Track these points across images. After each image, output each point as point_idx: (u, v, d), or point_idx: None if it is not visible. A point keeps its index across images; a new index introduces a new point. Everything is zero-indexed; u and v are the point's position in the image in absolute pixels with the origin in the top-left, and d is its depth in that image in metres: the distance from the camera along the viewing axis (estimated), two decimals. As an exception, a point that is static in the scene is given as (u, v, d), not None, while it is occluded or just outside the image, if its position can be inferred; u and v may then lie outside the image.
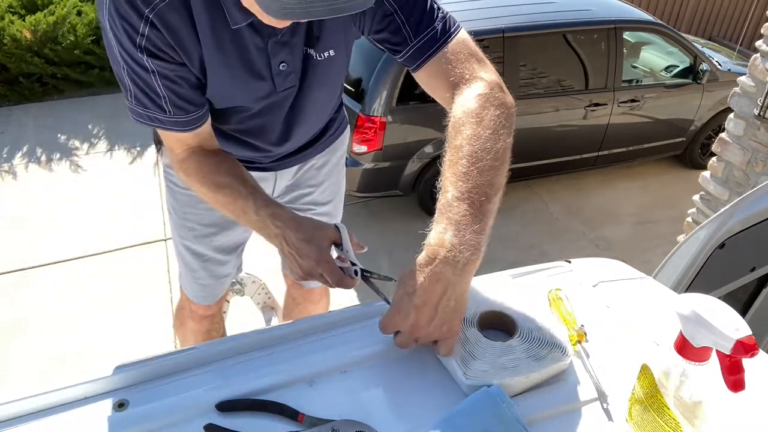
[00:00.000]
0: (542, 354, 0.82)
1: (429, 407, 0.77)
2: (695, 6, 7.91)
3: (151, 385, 0.79)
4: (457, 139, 0.87)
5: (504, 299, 0.91)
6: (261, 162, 1.33)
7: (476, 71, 0.98)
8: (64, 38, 5.09)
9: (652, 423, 0.71)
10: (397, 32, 1.00)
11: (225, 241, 1.45)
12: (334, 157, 1.48)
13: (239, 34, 0.96)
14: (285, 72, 1.05)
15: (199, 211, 1.38)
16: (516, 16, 3.75)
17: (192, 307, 1.60)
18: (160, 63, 0.92)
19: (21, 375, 2.60)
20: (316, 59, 1.07)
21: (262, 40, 0.99)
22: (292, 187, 1.47)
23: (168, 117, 0.98)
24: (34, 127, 4.82)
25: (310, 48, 1.05)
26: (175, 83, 0.96)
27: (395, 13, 0.99)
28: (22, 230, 3.58)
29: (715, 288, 1.48)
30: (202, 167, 1.03)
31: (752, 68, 2.68)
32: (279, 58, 1.03)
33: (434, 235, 0.79)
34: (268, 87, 1.06)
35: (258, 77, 1.04)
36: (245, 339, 0.87)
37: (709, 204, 2.98)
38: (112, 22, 0.88)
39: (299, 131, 1.25)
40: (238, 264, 1.57)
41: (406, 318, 0.78)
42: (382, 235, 3.76)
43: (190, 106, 0.99)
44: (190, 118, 1.00)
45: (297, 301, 1.82)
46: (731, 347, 0.63)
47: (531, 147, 3.95)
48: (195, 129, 1.02)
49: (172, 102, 0.96)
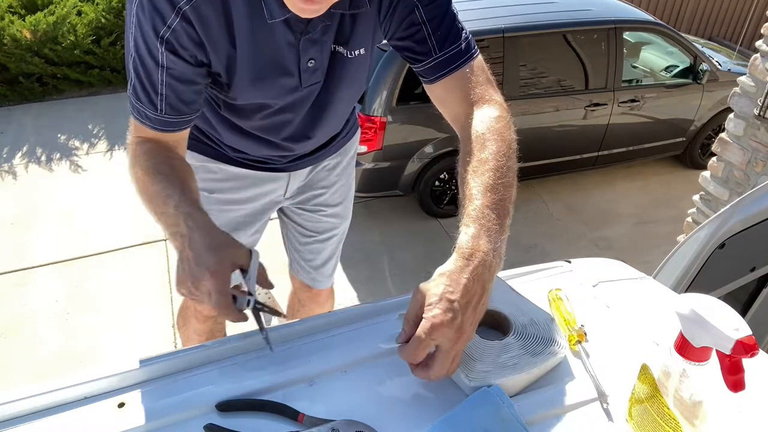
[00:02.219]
0: (539, 349, 0.82)
1: (429, 407, 0.77)
2: (695, 6, 7.91)
3: (151, 385, 0.79)
4: (483, 152, 0.90)
5: (494, 298, 0.91)
6: (276, 162, 1.33)
7: (494, 95, 1.02)
8: (64, 38, 5.09)
9: (652, 423, 0.71)
10: (423, 42, 1.01)
11: None
12: (345, 158, 1.49)
13: (273, 29, 0.96)
14: (312, 68, 1.05)
15: (212, 211, 1.37)
16: (516, 16, 3.75)
17: (197, 306, 1.60)
18: (176, 59, 0.92)
19: (21, 375, 2.60)
20: (346, 56, 1.07)
21: (294, 37, 0.99)
22: (304, 188, 1.48)
23: (156, 115, 0.96)
24: (34, 127, 4.82)
25: (340, 45, 1.05)
26: (182, 83, 0.95)
27: (423, 24, 0.99)
28: (22, 230, 3.58)
29: (715, 288, 1.48)
30: (153, 152, 0.98)
31: (752, 68, 2.68)
32: (308, 55, 1.03)
33: (467, 240, 0.79)
34: (295, 83, 1.06)
35: (286, 73, 1.04)
36: (245, 339, 0.87)
37: (709, 204, 2.98)
38: (140, 9, 0.88)
39: (322, 128, 1.25)
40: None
41: (453, 321, 0.71)
42: (382, 235, 3.76)
43: (185, 108, 0.98)
44: (178, 120, 0.99)
45: (303, 303, 1.82)
46: (731, 347, 0.63)
47: (531, 147, 3.95)
48: (177, 131, 1.01)
49: (168, 102, 0.96)
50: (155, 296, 3.08)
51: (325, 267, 1.67)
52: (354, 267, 3.37)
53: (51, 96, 5.29)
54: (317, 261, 1.65)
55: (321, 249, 1.62)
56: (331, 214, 1.54)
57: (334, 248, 1.65)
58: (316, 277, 1.70)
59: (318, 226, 1.57)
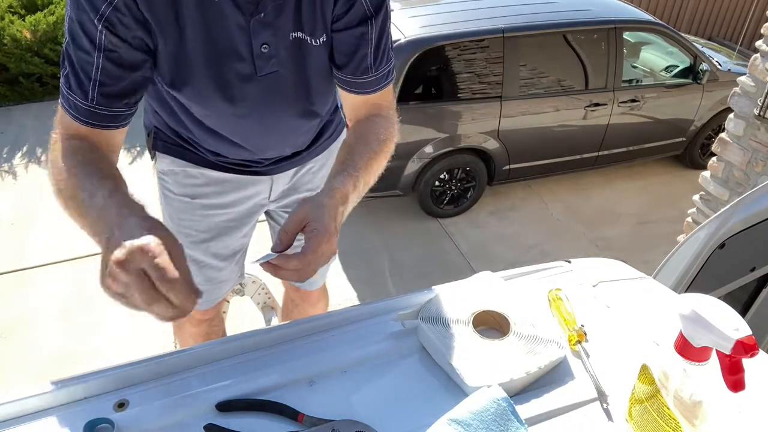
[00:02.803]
0: (538, 349, 0.82)
1: (429, 407, 0.77)
2: (695, 6, 7.91)
3: (151, 385, 0.79)
4: (371, 143, 1.05)
5: (494, 298, 0.91)
6: (257, 165, 1.30)
7: (393, 110, 1.15)
8: (64, 38, 5.09)
9: (652, 423, 0.71)
10: (363, 59, 1.05)
11: (221, 247, 1.43)
12: (330, 160, 1.46)
13: (221, 9, 0.92)
14: (267, 54, 1.01)
15: (195, 217, 1.36)
16: (516, 16, 3.75)
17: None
18: (116, 41, 0.87)
19: (21, 375, 2.60)
20: (311, 44, 1.03)
21: (244, 19, 0.95)
22: (289, 191, 1.46)
23: (86, 105, 0.89)
24: (34, 127, 4.82)
25: (301, 32, 1.01)
26: (120, 68, 0.89)
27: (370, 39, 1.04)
28: (22, 230, 3.58)
29: (715, 288, 1.48)
30: (81, 149, 0.90)
31: (752, 68, 2.68)
32: (261, 39, 0.98)
33: (343, 187, 0.91)
34: (249, 69, 1.01)
35: (239, 59, 0.99)
36: (245, 339, 0.87)
37: (709, 204, 2.98)
38: None
39: (295, 129, 1.22)
40: (239, 272, 1.54)
41: (334, 242, 0.85)
42: (381, 235, 3.76)
43: (117, 101, 0.91)
44: (109, 113, 0.92)
45: (295, 303, 1.82)
46: (731, 347, 0.63)
47: (531, 147, 3.96)
48: (107, 128, 0.93)
49: (101, 91, 0.89)
50: (155, 296, 3.08)
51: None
52: (354, 267, 3.37)
53: (51, 96, 5.29)
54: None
55: None
56: None
57: None
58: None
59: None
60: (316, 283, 1.72)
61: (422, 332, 0.87)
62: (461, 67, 3.59)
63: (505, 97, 3.70)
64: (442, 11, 3.86)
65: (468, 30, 3.57)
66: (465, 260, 3.58)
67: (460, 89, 3.64)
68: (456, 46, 3.54)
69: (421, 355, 0.86)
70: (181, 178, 1.32)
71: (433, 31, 3.53)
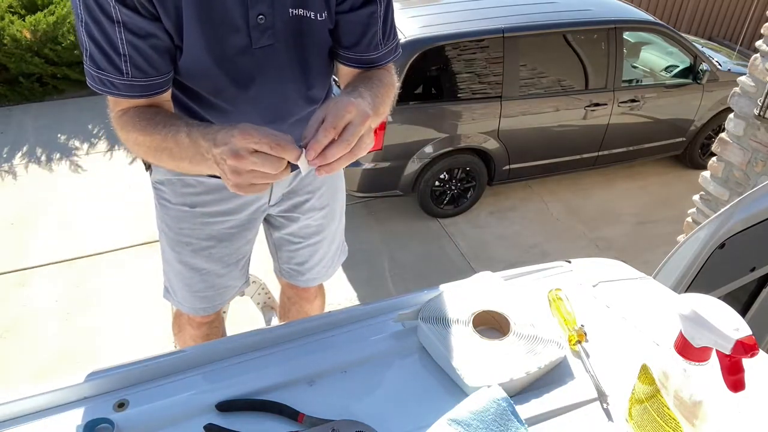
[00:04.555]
0: (538, 349, 0.82)
1: (429, 407, 0.77)
2: (695, 6, 7.91)
3: (151, 385, 0.79)
4: (374, 79, 1.08)
5: (494, 298, 0.91)
6: None
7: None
8: (64, 38, 5.09)
9: (652, 423, 0.71)
10: (374, 36, 1.08)
11: (224, 253, 1.41)
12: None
13: None
14: (263, 26, 1.01)
15: (196, 225, 1.34)
16: (516, 16, 3.75)
17: (190, 314, 1.58)
18: (130, 13, 0.88)
19: (21, 375, 2.60)
20: (311, 18, 1.03)
21: None
22: (290, 194, 1.44)
23: (124, 80, 0.92)
24: (34, 127, 4.82)
25: (300, 8, 1.02)
26: (142, 38, 0.91)
27: (378, 15, 1.06)
28: (22, 230, 3.58)
29: (715, 288, 1.48)
30: (140, 115, 0.96)
31: (752, 68, 2.68)
32: (257, 10, 0.99)
33: (357, 93, 0.95)
34: (244, 41, 1.02)
35: (235, 29, 1.00)
36: (245, 339, 0.87)
37: (709, 204, 2.98)
38: None
39: (294, 108, 1.20)
40: (243, 278, 1.53)
41: (361, 106, 0.86)
42: (382, 235, 3.76)
43: (151, 69, 0.94)
44: (148, 83, 0.95)
45: (292, 300, 1.81)
46: (731, 347, 0.63)
47: (531, 147, 3.96)
48: (151, 96, 0.96)
49: (132, 62, 0.92)
50: (155, 296, 3.07)
51: (316, 269, 1.65)
52: (354, 267, 3.37)
53: (51, 96, 5.29)
54: (309, 264, 1.62)
55: (312, 253, 1.59)
56: (318, 217, 1.51)
57: (325, 250, 1.63)
58: (308, 277, 1.67)
59: (306, 231, 1.53)
60: (314, 280, 1.72)
61: (422, 332, 0.87)
62: (461, 67, 3.59)
63: (505, 97, 3.71)
64: (442, 11, 3.86)
65: (468, 30, 3.57)
66: (465, 260, 3.58)
67: (460, 89, 3.64)
68: (456, 46, 3.54)
69: (421, 355, 0.86)
70: (178, 188, 1.30)
71: (433, 31, 3.53)
